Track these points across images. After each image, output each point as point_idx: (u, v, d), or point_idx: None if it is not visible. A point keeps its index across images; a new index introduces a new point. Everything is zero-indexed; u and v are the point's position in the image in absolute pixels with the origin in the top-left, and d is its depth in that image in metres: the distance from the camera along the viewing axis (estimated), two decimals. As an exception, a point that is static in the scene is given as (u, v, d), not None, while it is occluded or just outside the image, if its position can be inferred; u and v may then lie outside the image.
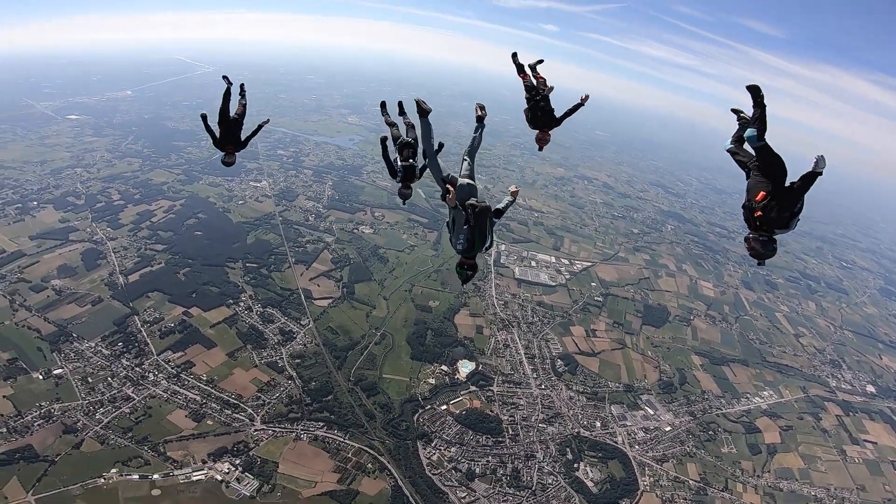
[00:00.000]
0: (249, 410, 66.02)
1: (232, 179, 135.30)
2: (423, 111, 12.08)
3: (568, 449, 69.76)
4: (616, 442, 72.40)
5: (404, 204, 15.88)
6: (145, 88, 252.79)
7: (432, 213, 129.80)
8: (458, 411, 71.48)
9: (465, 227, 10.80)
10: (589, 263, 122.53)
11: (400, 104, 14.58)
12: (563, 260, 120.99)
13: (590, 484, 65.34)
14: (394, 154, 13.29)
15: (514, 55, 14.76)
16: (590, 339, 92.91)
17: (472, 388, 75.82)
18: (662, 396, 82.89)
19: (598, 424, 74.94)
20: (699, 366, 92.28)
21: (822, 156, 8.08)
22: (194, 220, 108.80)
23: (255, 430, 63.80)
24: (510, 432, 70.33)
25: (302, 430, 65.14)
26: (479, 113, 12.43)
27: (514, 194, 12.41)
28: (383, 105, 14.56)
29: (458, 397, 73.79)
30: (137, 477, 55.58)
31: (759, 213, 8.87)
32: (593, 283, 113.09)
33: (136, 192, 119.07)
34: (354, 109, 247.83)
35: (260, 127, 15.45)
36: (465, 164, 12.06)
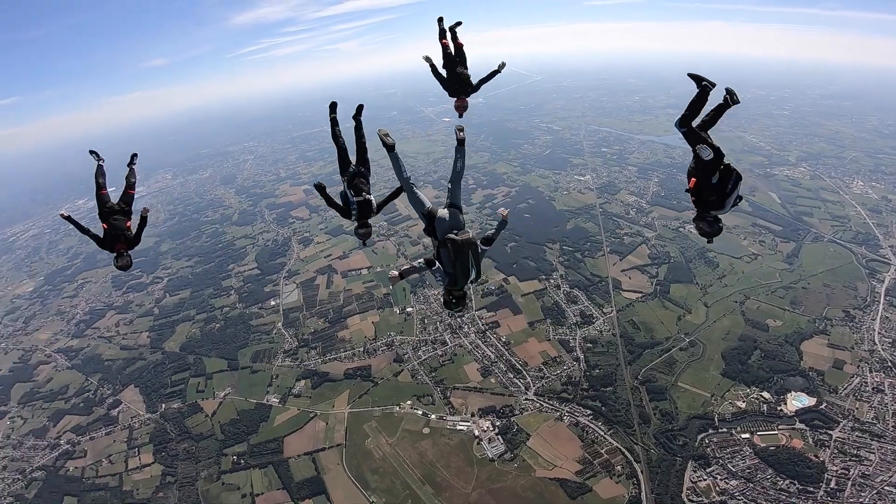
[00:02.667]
0: (528, 379, 75.43)
1: (559, 173, 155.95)
2: (388, 146, 11.67)
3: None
4: None
5: (364, 245, 16.05)
6: (491, 96, 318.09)
7: (789, 221, 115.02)
8: (763, 445, 62.91)
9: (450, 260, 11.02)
10: None
11: (359, 108, 13.93)
12: None
13: None
14: (339, 190, 13.07)
15: (440, 19, 15.38)
16: None
17: (800, 425, 64.84)
18: None
19: None
20: None
21: (701, 146, 9.79)
22: (524, 205, 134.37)
23: (525, 399, 72.27)
24: (831, 485, 57.49)
25: (568, 412, 69.52)
26: (460, 136, 12.18)
27: (505, 216, 12.59)
28: (333, 113, 14.04)
29: (773, 430, 64.72)
30: (420, 413, 71.96)
31: (693, 198, 10.17)
32: None
33: (484, 179, 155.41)
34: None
35: (144, 218, 13.77)
36: (448, 192, 12.02)
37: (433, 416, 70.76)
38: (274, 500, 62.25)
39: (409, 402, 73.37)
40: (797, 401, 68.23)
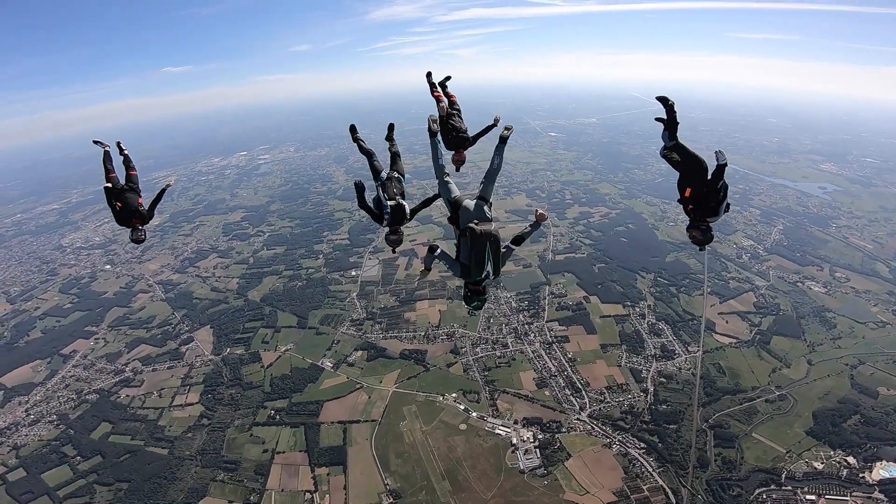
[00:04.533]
0: (586, 400, 69.60)
1: (668, 202, 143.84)
2: (431, 132, 12.43)
3: None
4: None
5: (394, 252, 14.82)
6: (606, 118, 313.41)
7: None
8: None
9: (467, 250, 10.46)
10: None
11: (390, 127, 14.36)
12: None
13: None
14: (373, 193, 12.71)
15: (429, 74, 15.29)
16: None
17: (878, 494, 54.94)
18: None
19: None
20: None
21: (719, 150, 10.02)
22: (623, 228, 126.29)
23: (577, 419, 66.65)
24: None
25: (619, 441, 63.29)
26: (505, 133, 12.12)
27: (540, 218, 11.81)
28: (353, 128, 14.34)
29: (844, 496, 55.52)
30: (462, 408, 68.80)
31: (691, 206, 10.61)
32: None
33: (584, 196, 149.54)
34: (832, 157, 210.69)
35: (162, 192, 14.71)
36: (482, 186, 11.86)
37: (474, 414, 67.91)
38: (292, 460, 62.51)
39: (453, 395, 71.18)
40: (886, 471, 58.11)
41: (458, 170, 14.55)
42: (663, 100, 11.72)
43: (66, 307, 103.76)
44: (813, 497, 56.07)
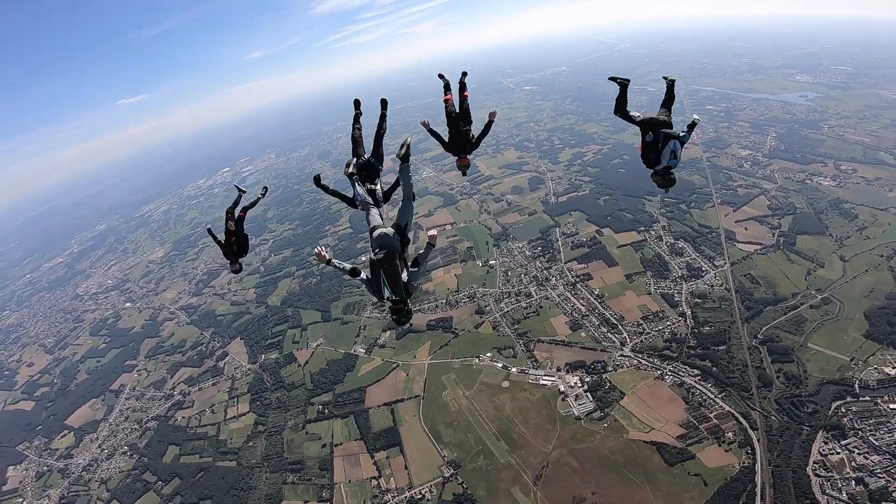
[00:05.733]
0: (625, 335, 67.34)
1: None
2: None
3: None
4: None
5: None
6: (576, 64, 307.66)
7: None
8: None
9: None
10: None
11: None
12: None
13: None
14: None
15: (441, 75, 15.22)
16: None
17: None
18: None
19: None
20: None
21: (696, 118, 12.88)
22: (618, 160, 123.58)
23: (621, 356, 64.34)
24: None
25: (671, 371, 60.66)
26: (401, 151, 10.63)
27: (431, 239, 11.64)
28: (357, 109, 14.23)
29: None
30: (500, 366, 66.75)
31: (642, 159, 12.24)
32: None
33: (572, 139, 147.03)
34: (804, 69, 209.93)
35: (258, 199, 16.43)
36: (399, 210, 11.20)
37: (514, 370, 65.81)
38: (351, 450, 61.49)
39: (489, 355, 69.26)
40: None
41: (464, 174, 14.98)
42: (614, 79, 12.59)
43: (101, 347, 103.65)
44: None
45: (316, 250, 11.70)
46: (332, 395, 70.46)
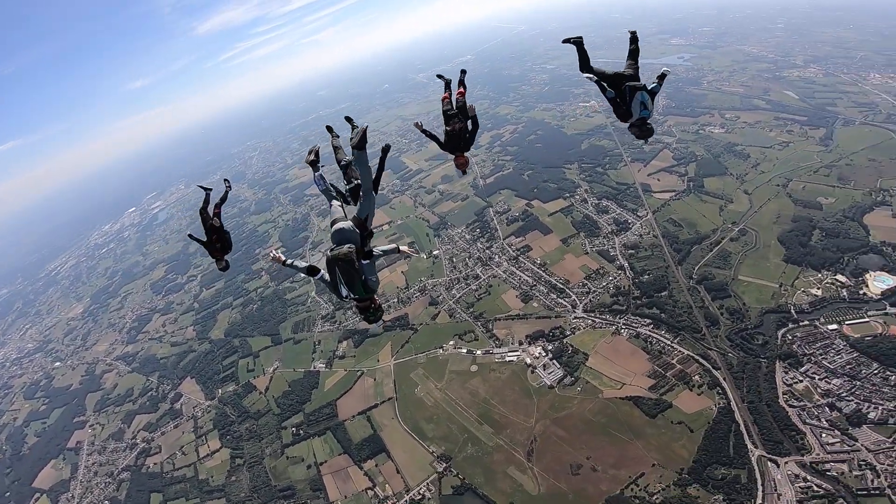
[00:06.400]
0: (573, 297, 69.99)
1: (563, 104, 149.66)
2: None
3: None
4: None
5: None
6: (480, 51, 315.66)
7: (813, 112, 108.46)
8: (857, 335, 54.57)
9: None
10: None
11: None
12: None
13: None
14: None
15: (439, 76, 14.90)
16: None
17: (893, 309, 56.26)
18: None
19: None
20: None
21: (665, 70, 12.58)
22: (534, 136, 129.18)
23: (575, 318, 66.63)
24: None
25: (624, 324, 63.22)
26: (355, 139, 10.02)
27: (404, 252, 11.17)
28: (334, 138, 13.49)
29: (863, 318, 56.31)
30: (465, 351, 67.45)
31: (615, 114, 11.92)
32: None
33: (488, 122, 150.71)
34: (676, 33, 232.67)
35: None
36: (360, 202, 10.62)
37: (479, 352, 66.26)
38: (338, 465, 59.61)
39: (451, 343, 69.34)
40: (880, 282, 59.61)
41: (464, 173, 14.26)
42: (567, 41, 13.00)
43: (42, 409, 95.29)
44: (835, 326, 55.99)
45: (271, 255, 11.36)
46: (303, 415, 67.86)
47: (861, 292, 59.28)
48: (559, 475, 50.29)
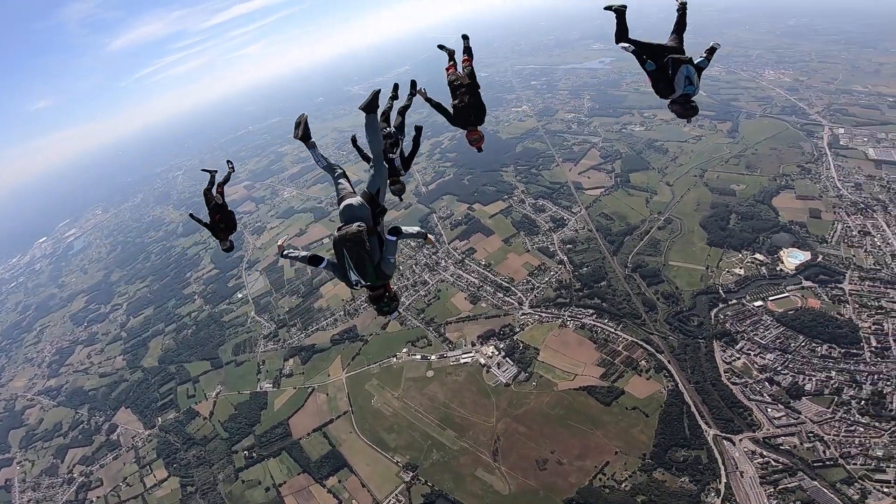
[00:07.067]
0: (519, 294, 71.83)
1: (496, 109, 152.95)
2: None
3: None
4: None
5: (400, 200, 14.57)
6: (417, 62, 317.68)
7: (720, 106, 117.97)
8: (780, 310, 58.33)
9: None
10: None
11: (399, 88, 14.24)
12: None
13: None
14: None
15: (441, 46, 14.43)
16: None
17: (807, 283, 60.89)
18: None
19: None
20: None
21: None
22: None
23: (523, 314, 68.34)
24: (873, 344, 52.88)
25: (569, 316, 65.34)
26: (366, 101, 8.90)
27: (429, 242, 10.11)
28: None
29: (783, 293, 60.46)
30: (420, 357, 66.94)
31: (654, 90, 11.07)
32: None
33: (428, 130, 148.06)
34: (598, 38, 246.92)
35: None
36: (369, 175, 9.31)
37: (433, 357, 65.71)
38: (298, 485, 56.61)
39: (404, 350, 68.21)
40: (793, 257, 65.05)
41: (480, 150, 13.26)
42: (609, 8, 11.87)
43: None
44: (760, 303, 59.70)
45: (278, 243, 10.96)
46: (254, 437, 64.16)
47: (778, 269, 64.41)
48: (527, 472, 50.37)
